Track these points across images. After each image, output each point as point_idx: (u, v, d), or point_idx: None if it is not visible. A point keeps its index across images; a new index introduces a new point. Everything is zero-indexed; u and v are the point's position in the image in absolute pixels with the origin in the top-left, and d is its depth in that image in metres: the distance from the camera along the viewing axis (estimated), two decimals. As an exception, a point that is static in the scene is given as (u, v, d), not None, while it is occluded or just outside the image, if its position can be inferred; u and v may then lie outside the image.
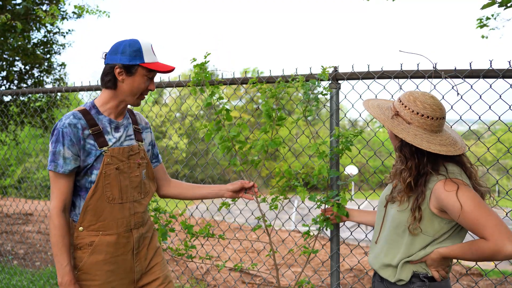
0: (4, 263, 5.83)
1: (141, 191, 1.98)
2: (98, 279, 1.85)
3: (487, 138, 20.24)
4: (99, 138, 1.84)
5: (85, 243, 1.84)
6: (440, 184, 1.60)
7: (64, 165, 1.78)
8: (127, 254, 1.92)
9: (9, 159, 5.77)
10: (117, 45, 1.86)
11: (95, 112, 1.87)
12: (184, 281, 5.38)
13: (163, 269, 2.07)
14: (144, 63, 1.83)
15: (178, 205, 3.65)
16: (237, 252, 7.73)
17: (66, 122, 1.79)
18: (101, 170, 1.83)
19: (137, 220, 1.96)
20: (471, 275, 6.93)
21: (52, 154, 1.78)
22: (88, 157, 1.82)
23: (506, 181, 26.28)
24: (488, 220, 1.50)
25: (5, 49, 8.33)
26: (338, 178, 2.53)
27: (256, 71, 26.02)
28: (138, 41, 1.85)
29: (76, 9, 7.70)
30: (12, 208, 10.33)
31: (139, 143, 1.99)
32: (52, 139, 1.80)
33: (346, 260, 7.70)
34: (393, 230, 1.74)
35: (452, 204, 1.55)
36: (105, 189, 1.84)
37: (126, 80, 1.85)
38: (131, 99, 1.90)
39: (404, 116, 1.68)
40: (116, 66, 1.83)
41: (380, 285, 1.82)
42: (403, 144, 1.70)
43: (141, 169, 1.98)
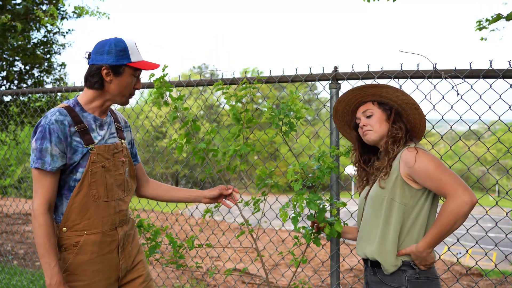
0: (4, 263, 5.83)
1: (124, 189, 1.97)
2: (85, 279, 1.83)
3: (487, 138, 20.27)
4: (85, 136, 1.81)
5: (70, 244, 1.81)
6: (408, 149, 1.79)
7: (51, 162, 1.73)
8: (113, 252, 1.90)
9: (9, 159, 5.77)
10: (102, 44, 1.82)
11: (80, 109, 1.84)
12: (184, 281, 5.38)
13: (145, 266, 2.08)
14: (131, 62, 1.82)
15: (178, 205, 3.65)
16: (237, 252, 7.73)
17: (52, 119, 1.75)
18: (87, 168, 1.80)
19: (121, 218, 1.95)
20: (471, 275, 6.93)
21: (38, 151, 1.73)
22: (75, 155, 1.79)
23: (506, 181, 26.31)
24: (446, 176, 1.67)
25: (5, 49, 8.32)
26: (338, 178, 2.53)
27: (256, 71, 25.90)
28: (123, 40, 1.83)
29: (76, 10, 7.70)
30: (12, 208, 10.33)
31: (121, 141, 1.98)
32: (37, 136, 1.75)
33: (346, 260, 7.70)
34: (372, 207, 1.84)
35: (417, 165, 1.72)
36: (91, 187, 1.82)
37: (114, 81, 1.83)
38: (119, 99, 1.88)
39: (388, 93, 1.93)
40: (103, 67, 1.80)
41: (373, 278, 1.85)
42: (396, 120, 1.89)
43: (125, 167, 1.97)
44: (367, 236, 1.86)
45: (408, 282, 1.75)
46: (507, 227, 10.91)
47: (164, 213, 4.57)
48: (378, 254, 1.79)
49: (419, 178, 1.73)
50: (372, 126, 1.89)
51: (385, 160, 1.84)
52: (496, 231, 5.76)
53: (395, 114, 1.88)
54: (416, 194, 1.77)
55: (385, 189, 1.79)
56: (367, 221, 1.88)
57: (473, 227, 2.60)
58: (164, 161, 19.41)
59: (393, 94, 1.86)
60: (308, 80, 2.61)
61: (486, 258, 2.69)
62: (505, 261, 8.45)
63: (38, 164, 1.73)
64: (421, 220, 1.77)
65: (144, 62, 1.87)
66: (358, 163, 2.03)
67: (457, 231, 2.09)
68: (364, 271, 1.96)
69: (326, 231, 2.10)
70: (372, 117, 1.90)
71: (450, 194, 1.65)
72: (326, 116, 2.69)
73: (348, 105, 1.99)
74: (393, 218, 1.77)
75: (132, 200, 2.18)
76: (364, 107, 1.93)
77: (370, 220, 1.85)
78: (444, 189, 1.67)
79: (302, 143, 2.82)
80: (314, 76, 2.57)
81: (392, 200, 1.77)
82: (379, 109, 1.90)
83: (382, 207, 1.79)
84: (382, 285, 1.81)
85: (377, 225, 1.81)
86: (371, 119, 1.90)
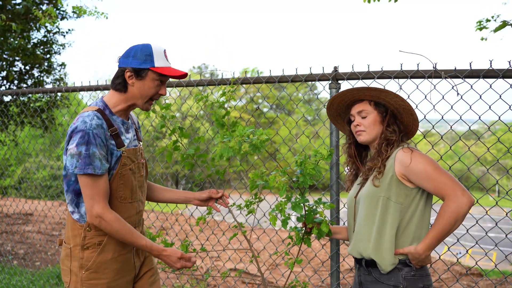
0: (4, 263, 5.83)
1: (143, 190, 2.02)
2: (106, 278, 1.87)
3: (487, 138, 20.28)
4: (117, 139, 1.85)
5: (94, 243, 1.86)
6: (402, 149, 1.81)
7: (101, 166, 1.77)
8: (131, 252, 1.96)
9: (9, 159, 5.77)
10: (130, 49, 1.87)
11: (109, 113, 1.88)
12: (184, 281, 5.38)
13: (153, 261, 2.14)
14: (154, 67, 1.84)
15: (178, 205, 3.65)
16: (237, 252, 7.73)
17: (93, 123, 1.77)
18: (118, 171, 1.84)
19: (139, 218, 2.01)
20: (471, 275, 6.93)
21: (86, 157, 1.74)
22: (111, 158, 1.83)
23: (506, 181, 26.32)
24: (444, 178, 1.71)
25: (5, 49, 8.32)
26: (338, 178, 2.53)
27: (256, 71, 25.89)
28: (150, 46, 1.86)
29: (74, 9, 7.68)
30: (12, 208, 10.33)
31: (140, 143, 2.03)
32: (79, 141, 1.74)
33: (346, 260, 7.70)
34: (367, 206, 1.83)
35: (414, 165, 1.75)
36: (118, 189, 1.86)
37: (136, 84, 1.86)
38: (140, 102, 1.90)
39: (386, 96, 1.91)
40: (126, 70, 1.84)
41: (368, 278, 1.85)
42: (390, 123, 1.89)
43: (144, 169, 2.02)
44: (362, 236, 1.86)
45: (404, 279, 1.77)
46: (507, 227, 10.89)
47: (164, 213, 4.58)
48: (375, 254, 1.79)
49: (416, 178, 1.74)
50: (366, 127, 1.90)
51: (378, 160, 1.84)
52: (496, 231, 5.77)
53: (390, 116, 1.89)
54: (411, 193, 1.79)
55: (380, 188, 1.80)
56: (361, 220, 1.87)
57: (473, 227, 2.60)
58: (164, 161, 19.39)
59: (391, 98, 1.86)
60: (308, 80, 2.61)
61: (486, 258, 2.69)
62: (505, 261, 8.45)
63: (90, 170, 1.75)
64: (416, 219, 1.79)
65: (169, 68, 1.88)
66: (352, 157, 2.03)
67: (457, 231, 2.09)
68: (357, 271, 1.95)
69: (314, 232, 2.09)
70: (367, 118, 1.90)
71: (449, 195, 1.67)
72: (326, 116, 2.69)
73: (344, 100, 1.99)
74: (389, 217, 1.78)
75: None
76: (360, 106, 1.92)
77: (364, 219, 1.85)
78: (442, 190, 1.69)
79: (302, 143, 2.81)
80: (314, 76, 2.57)
81: (388, 199, 1.79)
82: (375, 110, 1.90)
83: (378, 206, 1.80)
84: (378, 284, 1.81)
85: (372, 224, 1.82)
86: (366, 120, 1.90)
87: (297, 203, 2.02)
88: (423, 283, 1.79)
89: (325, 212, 2.28)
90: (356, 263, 1.95)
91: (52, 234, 8.40)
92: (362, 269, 1.89)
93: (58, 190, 15.58)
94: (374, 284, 1.82)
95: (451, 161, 2.74)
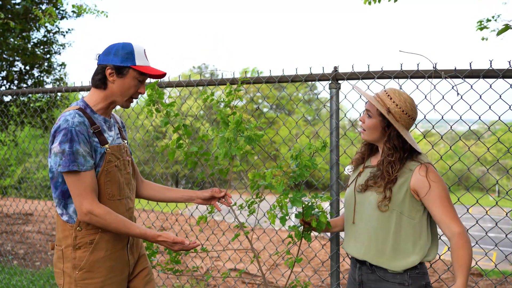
0: (4, 263, 5.83)
1: (131, 188, 2.03)
2: (100, 276, 1.87)
3: (487, 138, 20.28)
4: (100, 136, 1.86)
5: (85, 242, 1.85)
6: (423, 167, 1.79)
7: (85, 162, 1.78)
8: (124, 249, 1.96)
9: (9, 159, 5.77)
10: (111, 47, 1.88)
11: (90, 111, 1.89)
12: (184, 281, 5.38)
13: (147, 260, 2.15)
14: (135, 65, 1.86)
15: (178, 205, 3.65)
16: (237, 252, 7.73)
17: (75, 121, 1.78)
18: (103, 168, 1.85)
19: (130, 215, 2.01)
20: (471, 275, 6.93)
21: (70, 154, 1.74)
22: (95, 155, 1.84)
23: (506, 181, 26.32)
24: (451, 208, 1.77)
25: (5, 49, 8.32)
26: (338, 177, 2.53)
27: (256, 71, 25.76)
28: (131, 44, 1.88)
29: (74, 8, 7.69)
30: (12, 208, 10.33)
31: (124, 141, 2.04)
32: (61, 139, 1.75)
33: (346, 260, 7.70)
34: (379, 218, 1.82)
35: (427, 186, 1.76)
36: (106, 186, 1.87)
37: (117, 81, 1.87)
38: (120, 100, 1.92)
39: (395, 114, 1.83)
40: (107, 67, 1.85)
41: (371, 276, 1.85)
42: (391, 138, 1.84)
43: (130, 166, 2.03)
44: (370, 243, 1.85)
45: (410, 277, 1.79)
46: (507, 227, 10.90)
47: (164, 213, 4.58)
48: (389, 264, 1.81)
49: (427, 199, 1.77)
50: (366, 128, 1.90)
51: (381, 184, 1.82)
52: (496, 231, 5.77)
53: (393, 129, 1.84)
54: (420, 208, 1.82)
55: (393, 202, 1.80)
56: (370, 227, 1.86)
57: (473, 227, 2.60)
58: (164, 161, 19.40)
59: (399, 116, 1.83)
60: (308, 80, 2.61)
61: (486, 258, 2.69)
62: (505, 261, 8.45)
63: (75, 167, 1.75)
64: (425, 232, 1.82)
65: (149, 67, 1.90)
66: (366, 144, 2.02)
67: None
68: (356, 270, 1.92)
69: (313, 224, 2.09)
70: (370, 120, 1.89)
71: (452, 225, 1.75)
72: (326, 116, 2.69)
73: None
74: (403, 232, 1.80)
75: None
76: (370, 105, 1.90)
77: (376, 230, 1.84)
78: (445, 217, 1.75)
79: (302, 143, 2.81)
80: (314, 76, 2.57)
81: (401, 214, 1.80)
82: (379, 116, 1.87)
83: (391, 220, 1.81)
84: (383, 282, 1.81)
85: (386, 237, 1.82)
86: (369, 120, 1.89)
87: (295, 197, 2.03)
88: (425, 280, 1.82)
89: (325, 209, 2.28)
90: (355, 261, 1.94)
91: (52, 234, 8.40)
92: (364, 268, 1.88)
93: (58, 190, 15.55)
94: (378, 282, 1.83)
95: (451, 161, 2.74)
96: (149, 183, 2.25)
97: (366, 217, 1.87)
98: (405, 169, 1.82)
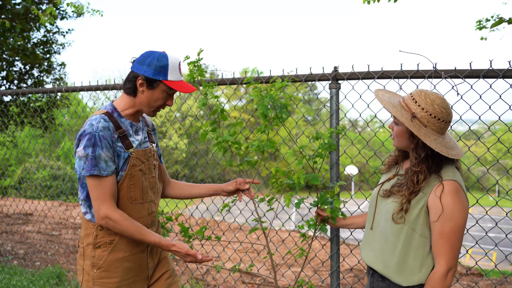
0: (4, 263, 5.83)
1: (155, 191, 2.05)
2: (117, 276, 1.90)
3: (487, 138, 20.30)
4: (125, 141, 1.88)
5: (105, 242, 1.88)
6: (440, 187, 1.64)
7: (106, 167, 1.80)
8: (144, 252, 1.98)
9: (9, 159, 5.77)
10: (147, 55, 1.87)
11: (117, 115, 1.91)
12: (184, 281, 5.38)
13: (170, 262, 2.15)
14: (167, 80, 1.86)
15: (178, 205, 3.65)
16: (237, 252, 7.73)
17: (99, 126, 1.80)
18: (127, 172, 1.87)
19: (152, 219, 2.03)
20: (471, 275, 6.93)
21: (92, 159, 1.77)
22: (119, 160, 1.86)
23: (506, 181, 26.32)
24: (457, 244, 1.63)
25: (5, 49, 8.32)
26: (338, 178, 2.53)
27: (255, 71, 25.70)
28: (167, 57, 1.86)
29: (69, 6, 7.68)
30: (12, 208, 10.33)
31: (152, 145, 2.05)
32: (85, 144, 1.78)
33: (346, 260, 7.69)
34: (391, 229, 1.74)
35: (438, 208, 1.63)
36: (129, 190, 1.89)
37: (146, 92, 1.88)
38: (147, 109, 1.93)
39: (421, 119, 1.67)
40: (139, 78, 1.85)
41: (381, 284, 1.81)
42: (419, 146, 1.69)
43: (156, 170, 2.05)
44: (381, 253, 1.79)
45: (418, 285, 1.71)
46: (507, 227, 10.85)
47: (162, 215, 4.56)
48: (395, 279, 1.74)
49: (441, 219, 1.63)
50: (394, 135, 1.80)
51: (404, 195, 1.70)
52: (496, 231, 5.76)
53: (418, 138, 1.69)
54: (429, 224, 1.70)
55: (407, 218, 1.69)
56: (383, 235, 1.78)
57: (473, 227, 2.61)
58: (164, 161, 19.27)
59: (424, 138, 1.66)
60: (308, 80, 2.61)
61: (486, 258, 2.69)
62: (505, 261, 8.45)
63: (96, 171, 1.78)
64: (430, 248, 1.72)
65: (181, 82, 1.90)
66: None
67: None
68: (370, 277, 1.89)
69: (327, 212, 2.15)
70: (398, 127, 1.77)
71: (439, 260, 1.64)
72: (326, 116, 2.69)
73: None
74: (413, 250, 1.70)
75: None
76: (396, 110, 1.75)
77: (387, 240, 1.76)
78: (437, 250, 1.64)
79: (302, 143, 2.82)
80: (314, 76, 2.57)
81: (412, 231, 1.69)
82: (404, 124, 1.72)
83: (401, 235, 1.71)
84: None
85: (393, 252, 1.73)
86: (397, 128, 1.78)
87: (314, 176, 2.13)
88: None
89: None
90: (369, 269, 1.90)
91: (52, 234, 8.40)
92: (376, 275, 1.84)
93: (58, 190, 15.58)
94: None
95: (451, 161, 2.73)
96: (175, 182, 2.28)
97: (382, 225, 1.80)
98: (430, 182, 1.67)
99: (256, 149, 2.25)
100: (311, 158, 2.20)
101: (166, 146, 4.78)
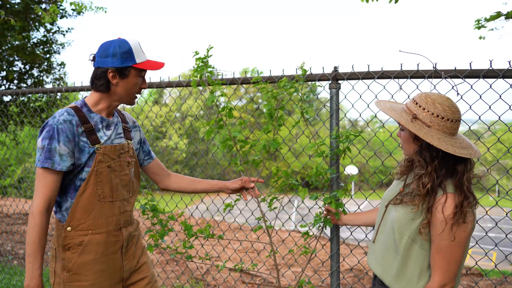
0: (4, 263, 5.82)
1: (129, 190, 1.98)
2: (89, 279, 1.82)
3: (487, 138, 20.22)
4: (92, 136, 1.82)
5: (75, 243, 1.81)
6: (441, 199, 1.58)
7: (61, 162, 1.74)
8: (117, 253, 1.91)
9: (9, 159, 5.77)
10: (106, 46, 1.81)
11: (87, 110, 1.85)
12: (184, 281, 5.38)
13: (150, 268, 2.09)
14: (136, 64, 1.82)
15: (178, 205, 3.65)
16: (237, 252, 7.73)
17: (60, 119, 1.76)
18: (93, 168, 1.81)
19: (126, 219, 1.96)
20: (471, 275, 6.93)
21: (46, 151, 1.73)
22: (82, 155, 1.80)
23: (506, 181, 26.30)
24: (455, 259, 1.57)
25: (5, 49, 8.32)
26: (338, 177, 2.53)
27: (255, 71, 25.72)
28: (127, 42, 1.82)
29: (72, 5, 7.68)
30: (12, 208, 10.33)
31: (128, 142, 1.99)
32: (44, 135, 1.75)
33: (346, 260, 7.69)
34: (392, 233, 1.72)
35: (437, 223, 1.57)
36: (96, 187, 1.82)
37: (120, 83, 1.83)
38: (126, 99, 1.89)
39: (423, 119, 1.61)
40: (109, 70, 1.80)
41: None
42: (423, 148, 1.63)
43: (130, 167, 1.98)
44: (382, 259, 1.77)
45: None
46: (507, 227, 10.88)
47: (164, 214, 4.55)
48: (396, 287, 1.72)
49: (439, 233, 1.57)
50: (402, 142, 1.74)
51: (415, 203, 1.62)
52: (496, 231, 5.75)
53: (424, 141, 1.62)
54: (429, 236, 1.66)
55: (406, 227, 1.65)
56: (386, 242, 1.76)
57: (473, 227, 2.60)
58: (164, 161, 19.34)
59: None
60: (308, 80, 2.61)
61: (486, 258, 2.69)
62: (505, 261, 8.44)
63: (48, 164, 1.73)
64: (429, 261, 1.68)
65: (149, 62, 1.87)
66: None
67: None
68: (373, 280, 1.90)
69: (332, 206, 2.25)
70: (404, 133, 1.71)
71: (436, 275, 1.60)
72: (326, 116, 2.69)
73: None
74: (412, 260, 1.66)
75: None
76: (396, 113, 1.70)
77: (387, 249, 1.74)
78: (435, 264, 1.60)
79: (302, 143, 2.82)
80: (314, 76, 2.57)
81: (412, 241, 1.65)
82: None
83: (401, 244, 1.67)
84: None
85: (394, 260, 1.71)
86: (402, 134, 1.72)
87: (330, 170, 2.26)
88: None
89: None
90: (374, 273, 1.90)
91: (52, 234, 8.40)
92: (378, 279, 1.84)
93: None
94: None
95: (451, 161, 2.73)
96: (177, 175, 2.26)
97: (385, 232, 1.77)
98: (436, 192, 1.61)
99: (261, 149, 2.25)
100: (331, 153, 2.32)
101: (166, 146, 4.78)
